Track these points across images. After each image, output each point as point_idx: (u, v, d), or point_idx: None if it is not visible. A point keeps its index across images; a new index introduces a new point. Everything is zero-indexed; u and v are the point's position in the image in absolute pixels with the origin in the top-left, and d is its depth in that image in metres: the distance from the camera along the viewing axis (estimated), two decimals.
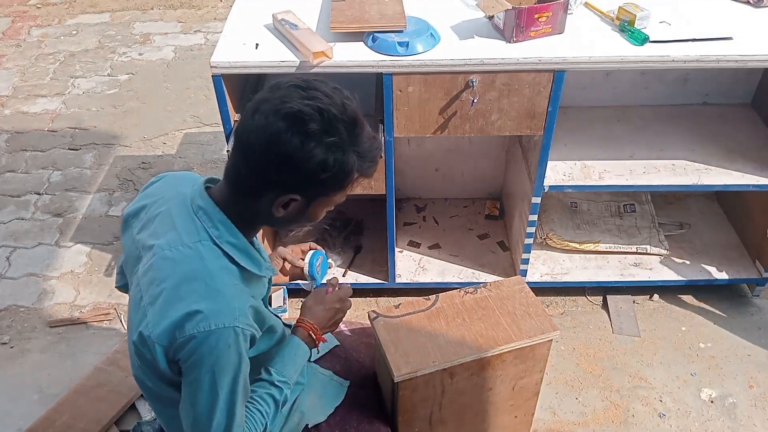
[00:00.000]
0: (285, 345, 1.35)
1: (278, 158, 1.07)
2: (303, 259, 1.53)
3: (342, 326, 1.72)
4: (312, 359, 1.55)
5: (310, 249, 1.56)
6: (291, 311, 2.42)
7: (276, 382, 1.29)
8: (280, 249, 1.57)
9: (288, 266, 1.56)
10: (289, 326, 1.47)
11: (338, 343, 1.64)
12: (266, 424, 1.26)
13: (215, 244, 1.15)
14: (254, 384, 1.28)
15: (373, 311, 1.58)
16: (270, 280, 1.38)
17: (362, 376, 1.60)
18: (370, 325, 1.57)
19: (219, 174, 1.24)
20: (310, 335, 1.37)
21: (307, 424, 1.45)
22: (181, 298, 1.10)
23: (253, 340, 1.18)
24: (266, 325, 1.29)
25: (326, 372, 1.56)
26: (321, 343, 1.40)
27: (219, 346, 1.09)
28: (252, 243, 1.25)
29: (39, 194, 3.07)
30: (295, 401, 1.47)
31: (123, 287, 1.49)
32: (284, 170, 1.08)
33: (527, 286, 1.66)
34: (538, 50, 1.88)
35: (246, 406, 1.23)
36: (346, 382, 1.55)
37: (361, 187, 2.12)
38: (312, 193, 1.14)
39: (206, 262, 1.13)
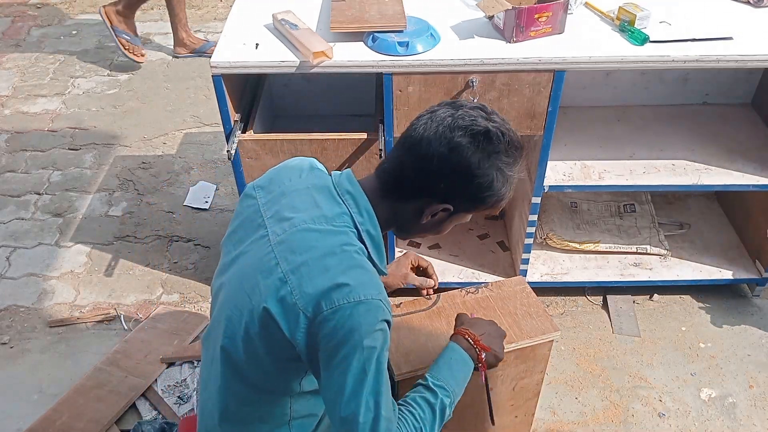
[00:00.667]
0: (440, 354, 1.34)
1: (455, 169, 1.15)
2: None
3: None
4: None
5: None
6: None
7: (431, 386, 1.27)
8: (413, 254, 1.61)
9: (405, 276, 1.58)
10: None
11: None
12: (421, 429, 1.22)
13: (356, 228, 1.19)
14: (410, 390, 1.27)
15: None
16: None
17: None
18: None
19: (221, 174, 1.24)
20: (467, 340, 1.36)
21: None
22: (326, 269, 1.12)
23: (389, 325, 1.18)
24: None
25: None
26: (485, 353, 1.35)
27: (368, 318, 1.10)
28: None
29: (39, 194, 3.07)
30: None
31: None
32: (455, 181, 1.17)
33: (528, 287, 1.66)
34: (538, 50, 1.88)
35: (399, 410, 1.21)
36: None
37: None
38: (464, 206, 1.22)
39: (350, 239, 1.17)
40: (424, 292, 1.61)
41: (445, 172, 1.16)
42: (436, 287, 1.61)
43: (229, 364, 1.25)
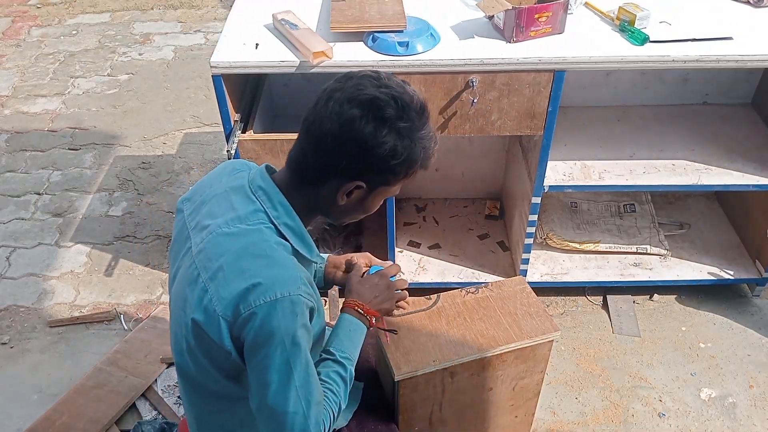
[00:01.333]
0: (336, 325, 1.35)
1: (350, 144, 1.10)
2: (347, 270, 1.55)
3: None
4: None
5: (352, 260, 1.55)
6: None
7: (339, 359, 1.28)
8: (331, 257, 1.58)
9: (338, 274, 1.55)
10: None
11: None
12: (339, 402, 1.24)
13: (272, 223, 1.17)
14: (317, 366, 1.27)
15: None
16: (317, 273, 1.42)
17: (372, 376, 1.60)
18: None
19: None
20: (357, 311, 1.36)
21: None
22: (241, 270, 1.11)
23: (312, 313, 1.17)
24: (316, 304, 1.28)
25: None
26: (375, 318, 1.38)
27: (285, 316, 1.09)
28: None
29: (39, 194, 3.07)
30: None
31: None
32: (355, 156, 1.12)
33: (528, 287, 1.66)
34: (538, 50, 1.88)
35: (327, 394, 1.23)
36: (360, 384, 1.55)
37: None
38: (377, 180, 1.17)
39: (264, 236, 1.15)
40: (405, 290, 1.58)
41: (342, 149, 1.11)
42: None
43: (186, 378, 1.26)
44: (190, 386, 1.27)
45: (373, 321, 1.38)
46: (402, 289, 1.49)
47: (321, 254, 1.32)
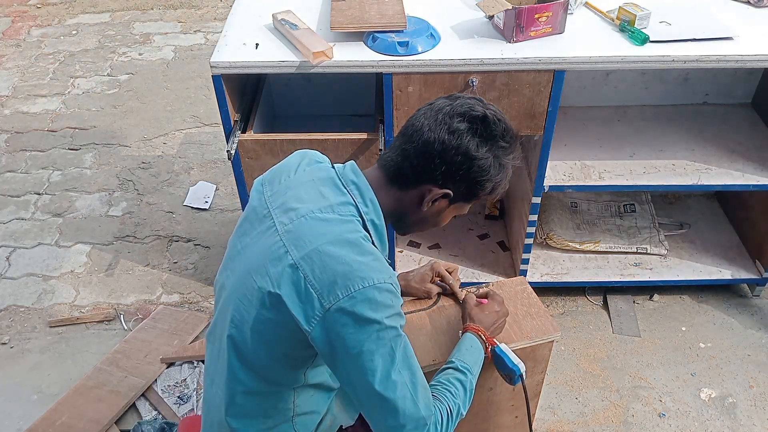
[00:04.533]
0: (459, 343, 1.40)
1: (455, 152, 1.18)
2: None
3: None
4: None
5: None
6: None
7: (459, 367, 1.32)
8: (438, 264, 1.66)
9: (428, 291, 1.64)
10: None
11: None
12: (459, 406, 1.27)
13: (360, 217, 1.22)
14: (436, 375, 1.33)
15: None
16: None
17: None
18: None
19: (221, 174, 1.26)
20: (480, 336, 1.42)
21: (341, 425, 1.45)
22: (337, 255, 1.14)
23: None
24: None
25: None
26: (492, 346, 1.43)
27: (383, 301, 1.12)
28: None
29: (39, 194, 3.07)
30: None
31: None
32: (455, 164, 1.19)
33: (529, 287, 1.66)
34: (538, 50, 1.88)
35: (432, 391, 1.25)
36: None
37: None
38: (462, 193, 1.24)
39: (356, 227, 1.20)
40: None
41: (445, 156, 1.19)
42: (458, 295, 1.64)
43: (236, 353, 1.26)
44: (238, 362, 1.27)
45: (489, 349, 1.43)
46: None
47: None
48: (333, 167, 1.29)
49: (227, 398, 1.31)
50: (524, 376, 1.42)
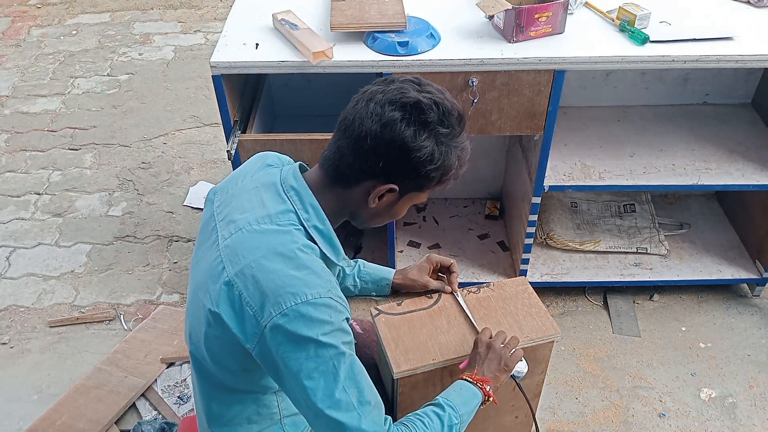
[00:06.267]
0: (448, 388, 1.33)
1: (390, 145, 1.10)
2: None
3: (354, 324, 1.71)
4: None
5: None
6: None
7: (440, 402, 1.25)
8: (435, 257, 1.60)
9: (425, 285, 1.59)
10: None
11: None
12: None
13: (302, 225, 1.16)
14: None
15: (375, 308, 1.58)
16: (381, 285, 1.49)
17: (374, 373, 1.59)
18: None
19: (221, 174, 1.26)
20: (469, 380, 1.33)
21: None
22: (270, 270, 1.09)
23: (347, 321, 1.15)
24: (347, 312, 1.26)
25: None
26: (489, 386, 1.34)
27: (318, 317, 1.07)
28: None
29: (39, 194, 3.07)
30: None
31: None
32: (392, 158, 1.11)
33: (530, 287, 1.66)
34: (538, 50, 1.88)
35: (404, 421, 1.20)
36: None
37: None
38: (409, 185, 1.17)
39: (294, 237, 1.14)
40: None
41: (380, 150, 1.10)
42: (455, 290, 1.59)
43: (200, 369, 1.25)
44: (204, 377, 1.26)
45: (487, 389, 1.33)
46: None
47: (348, 258, 1.30)
48: (282, 171, 1.23)
49: (205, 409, 1.30)
50: (517, 377, 1.40)
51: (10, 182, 3.14)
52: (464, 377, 1.34)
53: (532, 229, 2.29)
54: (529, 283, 1.67)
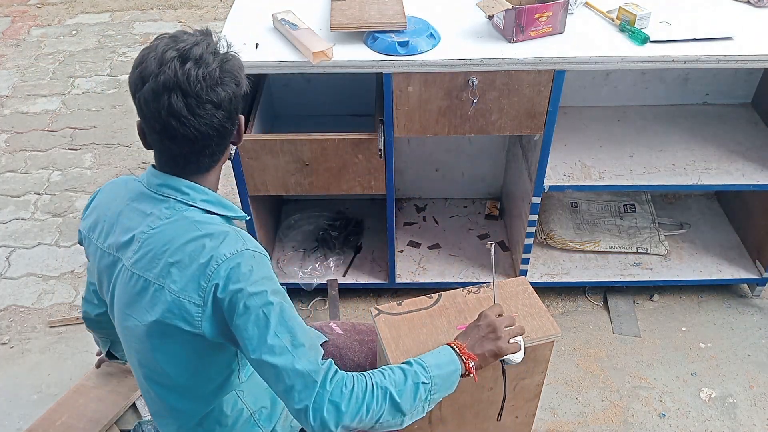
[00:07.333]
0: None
1: (207, 128, 1.18)
2: None
3: (333, 325, 1.73)
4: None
5: None
6: None
7: (410, 361, 1.25)
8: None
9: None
10: None
11: (326, 339, 1.64)
12: (387, 388, 1.18)
13: (191, 207, 1.21)
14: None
15: (376, 308, 1.58)
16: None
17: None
18: (367, 323, 1.57)
19: (221, 174, 1.27)
20: (454, 348, 1.32)
21: None
22: (188, 253, 1.15)
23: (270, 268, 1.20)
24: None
25: None
26: (473, 362, 1.31)
27: (242, 271, 1.13)
28: None
29: (39, 194, 3.07)
30: None
31: (99, 316, 1.57)
32: (218, 131, 1.19)
33: (530, 287, 1.66)
34: (538, 50, 1.88)
35: (363, 373, 1.20)
36: None
37: (360, 187, 2.12)
38: (234, 134, 1.26)
39: (190, 217, 1.20)
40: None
41: (208, 133, 1.18)
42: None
43: (170, 392, 1.30)
44: (175, 397, 1.30)
45: (471, 365, 1.30)
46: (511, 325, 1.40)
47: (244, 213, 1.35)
48: (141, 179, 1.27)
49: (177, 427, 1.36)
50: (507, 363, 1.39)
51: (10, 182, 3.14)
52: (451, 343, 1.33)
53: (532, 229, 2.29)
54: (529, 283, 1.67)
